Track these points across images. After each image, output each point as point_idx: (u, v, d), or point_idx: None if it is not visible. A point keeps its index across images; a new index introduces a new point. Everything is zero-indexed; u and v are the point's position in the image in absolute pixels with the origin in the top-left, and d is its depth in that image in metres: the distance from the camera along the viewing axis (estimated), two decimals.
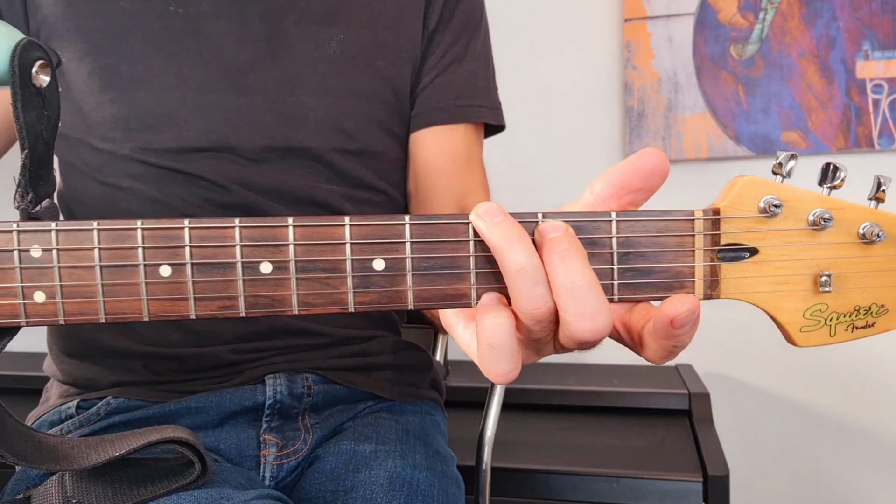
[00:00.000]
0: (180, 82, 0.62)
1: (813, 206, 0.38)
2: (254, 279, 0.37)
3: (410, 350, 0.76)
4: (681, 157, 1.48)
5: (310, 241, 0.37)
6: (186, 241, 0.37)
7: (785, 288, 0.39)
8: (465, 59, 0.73)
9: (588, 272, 0.35)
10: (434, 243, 0.37)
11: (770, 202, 0.38)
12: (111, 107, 0.61)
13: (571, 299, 0.35)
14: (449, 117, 0.72)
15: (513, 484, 1.07)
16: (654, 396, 1.28)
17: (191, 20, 0.62)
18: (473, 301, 0.38)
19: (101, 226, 0.37)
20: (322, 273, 0.37)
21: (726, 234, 0.38)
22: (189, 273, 0.37)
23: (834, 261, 0.39)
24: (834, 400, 1.48)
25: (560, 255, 0.35)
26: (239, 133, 0.63)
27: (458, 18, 0.73)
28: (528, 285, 0.36)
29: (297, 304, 0.37)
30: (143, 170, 0.62)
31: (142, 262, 0.37)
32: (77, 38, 0.62)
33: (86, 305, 0.37)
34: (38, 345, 0.88)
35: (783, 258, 0.38)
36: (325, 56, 0.66)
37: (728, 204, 0.38)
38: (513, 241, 0.36)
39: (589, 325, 0.35)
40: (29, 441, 0.44)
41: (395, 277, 0.37)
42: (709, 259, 0.38)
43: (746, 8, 1.44)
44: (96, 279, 0.37)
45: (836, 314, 0.39)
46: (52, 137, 0.41)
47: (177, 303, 0.37)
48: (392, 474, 0.60)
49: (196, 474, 0.48)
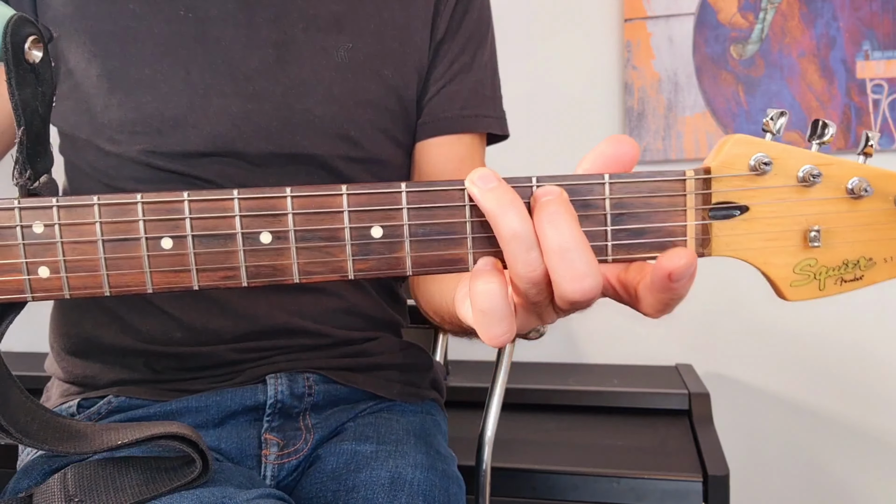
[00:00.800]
0: (187, 87, 0.62)
1: (802, 163, 0.38)
2: (254, 249, 0.37)
3: (411, 350, 0.76)
4: (681, 157, 1.48)
5: (308, 209, 0.37)
6: (187, 213, 0.37)
7: (775, 244, 0.39)
8: (472, 70, 0.73)
9: (577, 234, 0.36)
10: (431, 209, 0.38)
11: (760, 160, 0.38)
12: (119, 110, 0.61)
13: (560, 261, 0.36)
14: (455, 127, 0.72)
15: (513, 484, 1.07)
16: (654, 396, 1.28)
17: (199, 25, 0.63)
18: (470, 265, 0.38)
19: (101, 200, 0.37)
20: (321, 242, 0.38)
21: (717, 193, 0.39)
22: (190, 245, 0.37)
23: (823, 216, 0.39)
24: (834, 400, 1.48)
25: (549, 217, 0.36)
26: (245, 138, 0.63)
27: (466, 28, 0.73)
28: (523, 250, 0.36)
29: (297, 272, 0.38)
30: (149, 173, 0.62)
31: (143, 235, 0.37)
32: (86, 39, 0.62)
33: (90, 279, 0.38)
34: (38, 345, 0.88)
35: (773, 215, 0.39)
36: (332, 63, 0.66)
37: (719, 163, 0.38)
38: (506, 207, 0.36)
39: (578, 286, 0.36)
40: (35, 419, 0.44)
41: (394, 244, 0.38)
42: (700, 218, 0.39)
43: (746, 8, 1.44)
44: (99, 253, 0.37)
45: (825, 268, 0.40)
46: (47, 113, 0.41)
47: (179, 274, 0.38)
48: (393, 474, 0.60)
49: (197, 472, 0.49)
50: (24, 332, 1.47)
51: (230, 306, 0.64)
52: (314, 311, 0.67)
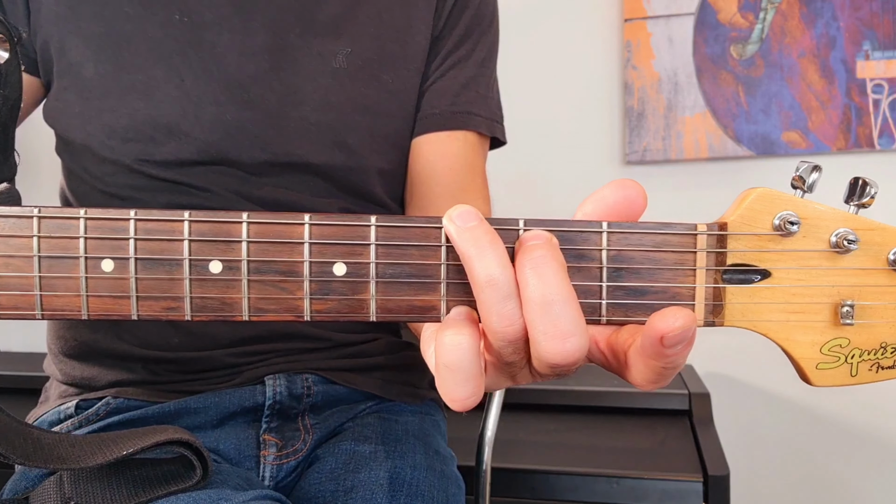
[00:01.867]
0: (181, 94, 0.61)
1: (836, 226, 0.34)
2: (202, 279, 0.34)
3: (410, 351, 0.75)
4: (681, 157, 1.48)
5: (265, 239, 0.34)
6: (131, 233, 0.34)
7: (800, 318, 0.35)
8: (465, 66, 0.71)
9: (564, 285, 0.32)
10: (402, 248, 0.34)
11: (786, 219, 0.33)
12: (111, 115, 0.60)
13: (542, 314, 0.31)
14: (443, 123, 0.69)
15: (513, 484, 1.07)
16: (654, 396, 1.28)
17: (194, 30, 0.62)
18: (443, 315, 0.34)
19: (42, 213, 0.34)
20: (277, 276, 0.34)
21: (733, 254, 0.34)
22: (133, 269, 0.34)
23: (858, 289, 0.34)
24: (834, 400, 1.48)
25: (533, 263, 0.32)
26: (239, 147, 0.62)
27: (463, 23, 0.71)
28: (499, 299, 0.32)
29: (247, 308, 0.34)
30: (143, 181, 0.62)
31: (83, 254, 0.34)
32: (78, 41, 0.61)
33: (21, 299, 0.34)
34: (38, 345, 0.88)
35: (799, 283, 0.34)
36: (329, 70, 0.65)
37: (737, 218, 0.34)
38: (483, 249, 0.32)
39: (559, 347, 0.31)
40: (28, 439, 0.43)
41: (357, 284, 0.34)
42: (712, 280, 0.34)
43: (746, 8, 1.44)
44: (34, 271, 0.34)
45: (858, 350, 0.35)
46: (10, 119, 0.38)
47: (118, 301, 0.34)
48: (392, 474, 0.60)
49: (197, 478, 0.48)
50: (23, 332, 1.47)
51: None
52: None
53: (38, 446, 0.43)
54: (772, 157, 1.44)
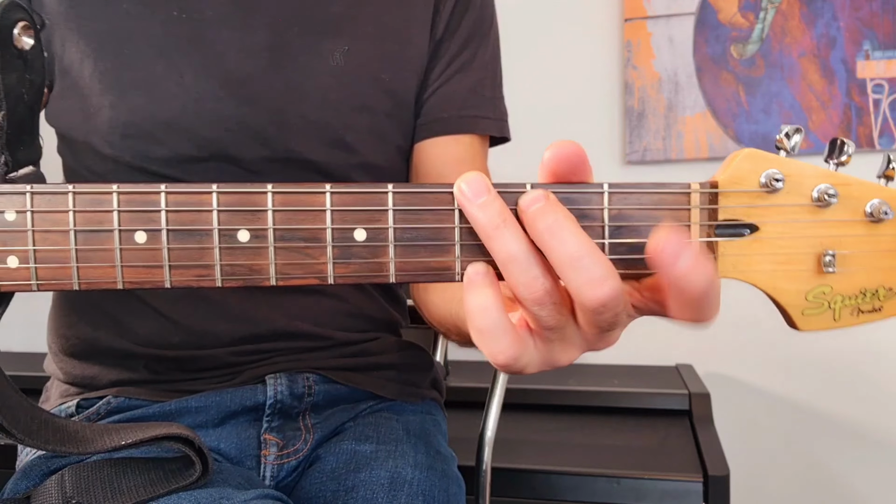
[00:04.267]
0: (181, 90, 0.61)
1: (817, 182, 0.36)
2: (231, 247, 0.36)
3: (411, 350, 0.76)
4: (681, 157, 1.48)
5: (289, 207, 0.36)
6: (162, 205, 0.36)
7: (786, 268, 0.37)
8: (470, 69, 0.72)
9: (583, 239, 0.33)
10: (418, 213, 0.36)
11: (772, 176, 0.36)
12: (111, 111, 0.61)
13: (574, 271, 0.33)
14: (452, 128, 0.70)
15: (513, 484, 1.07)
16: (654, 396, 1.28)
17: (194, 26, 0.62)
18: (458, 275, 0.36)
19: (76, 189, 0.36)
20: (301, 242, 0.36)
21: (724, 209, 0.36)
22: (164, 240, 0.36)
23: (839, 239, 0.37)
24: (834, 400, 1.48)
25: (549, 229, 0.34)
26: (239, 143, 0.62)
27: (465, 27, 0.72)
28: (522, 271, 0.34)
29: (274, 273, 0.36)
30: (144, 178, 0.62)
31: (117, 227, 0.36)
32: (78, 38, 0.61)
33: (59, 271, 0.36)
34: (38, 345, 0.88)
35: (785, 236, 0.36)
36: (328, 68, 0.65)
37: (727, 177, 0.36)
38: (499, 229, 0.34)
39: (599, 292, 0.33)
40: (35, 419, 0.43)
41: (377, 248, 0.36)
42: (705, 234, 0.37)
43: (747, 7, 1.44)
44: (70, 244, 0.36)
45: (840, 297, 0.37)
46: (35, 102, 0.39)
47: (152, 270, 0.36)
48: (393, 474, 0.60)
49: (197, 475, 0.48)
50: (23, 332, 1.47)
51: (229, 309, 0.64)
52: (314, 314, 0.67)
53: (43, 427, 0.43)
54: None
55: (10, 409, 0.41)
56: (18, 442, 0.42)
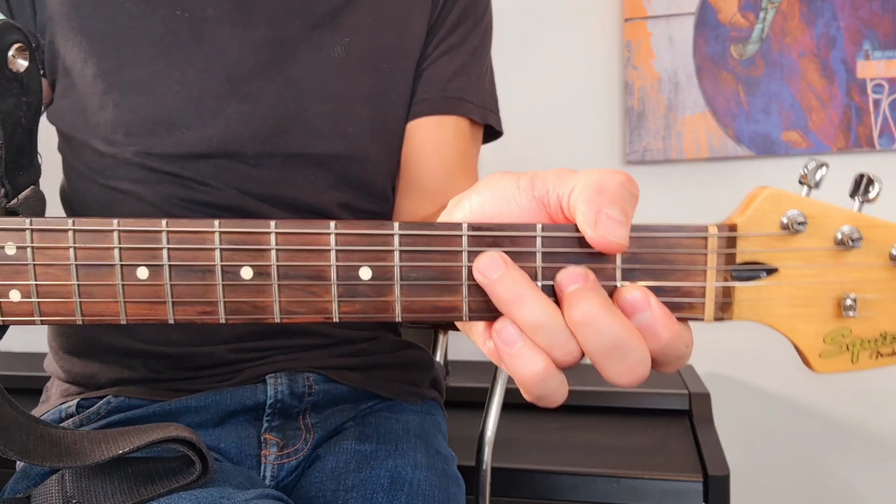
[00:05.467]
0: (183, 88, 0.61)
1: (841, 224, 0.35)
2: (234, 284, 0.35)
3: (411, 350, 0.76)
4: (681, 157, 1.48)
5: (293, 246, 0.35)
6: (164, 243, 0.35)
7: (805, 311, 0.35)
8: (458, 53, 0.72)
9: (619, 328, 0.33)
10: (424, 252, 0.35)
11: (794, 219, 0.34)
12: (114, 110, 0.61)
13: (610, 360, 0.33)
14: (434, 109, 0.70)
15: (513, 484, 1.07)
16: (654, 396, 1.28)
17: (195, 25, 0.62)
18: (465, 314, 0.36)
19: (76, 225, 0.35)
20: (305, 280, 0.35)
21: (743, 253, 0.35)
22: (167, 276, 0.35)
23: (861, 283, 0.35)
24: (834, 400, 1.48)
25: (584, 320, 0.33)
26: (240, 139, 0.62)
27: (457, 10, 0.72)
28: (550, 337, 0.33)
29: (278, 311, 0.36)
30: (143, 174, 0.62)
31: (118, 262, 0.35)
32: (80, 38, 0.61)
33: (62, 306, 0.36)
34: (38, 345, 0.88)
35: (805, 279, 0.35)
36: (328, 60, 0.65)
37: (746, 219, 0.35)
38: (520, 299, 0.33)
39: (632, 378, 0.33)
40: (31, 435, 0.43)
41: (383, 287, 0.35)
42: (722, 279, 0.35)
43: (747, 7, 1.44)
44: (72, 279, 0.36)
45: (860, 340, 0.36)
46: (33, 123, 0.39)
47: (154, 306, 0.36)
48: (393, 474, 0.60)
49: (197, 474, 0.48)
50: (23, 332, 1.47)
51: None
52: None
53: (40, 443, 0.43)
54: (772, 157, 1.44)
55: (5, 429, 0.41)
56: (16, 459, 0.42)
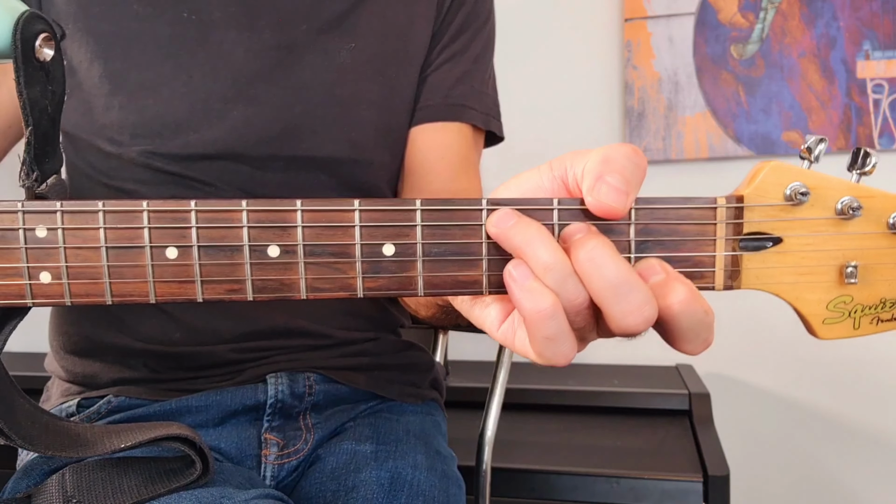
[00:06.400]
0: (189, 91, 0.62)
1: (841, 194, 0.37)
2: (261, 263, 0.36)
3: (412, 350, 0.76)
4: (681, 157, 1.48)
5: (318, 223, 0.36)
6: (193, 222, 0.36)
7: (809, 279, 0.37)
8: (460, 60, 0.72)
9: (623, 266, 0.34)
10: (445, 228, 0.36)
11: (797, 189, 0.36)
12: (120, 112, 0.61)
13: (615, 298, 0.34)
14: (438, 115, 0.71)
15: (513, 484, 1.07)
16: (654, 396, 1.28)
17: (202, 28, 0.62)
18: (485, 288, 0.37)
19: (106, 206, 0.36)
20: (331, 257, 0.36)
21: (749, 223, 0.37)
22: (196, 255, 0.36)
23: (861, 251, 0.37)
24: (834, 400, 1.48)
25: (589, 256, 0.34)
26: (246, 142, 0.63)
27: (460, 18, 0.72)
28: (559, 281, 0.34)
29: (305, 288, 0.37)
30: (148, 174, 0.62)
31: (148, 243, 0.36)
32: (88, 39, 0.61)
33: (92, 287, 0.37)
34: (38, 345, 0.88)
35: (808, 248, 0.37)
36: (334, 65, 0.66)
37: (752, 191, 0.37)
38: (530, 242, 0.35)
39: (638, 319, 0.34)
40: (36, 423, 0.43)
41: (405, 263, 0.37)
42: (730, 248, 0.37)
43: (747, 8, 1.44)
44: (102, 260, 0.36)
45: (861, 306, 0.38)
46: (57, 113, 0.39)
47: (184, 285, 0.37)
48: (393, 474, 0.60)
49: (197, 474, 0.48)
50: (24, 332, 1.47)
51: (230, 306, 0.64)
52: (315, 312, 0.67)
53: (44, 432, 0.43)
54: (772, 157, 1.44)
55: (11, 414, 0.41)
56: (18, 447, 0.42)
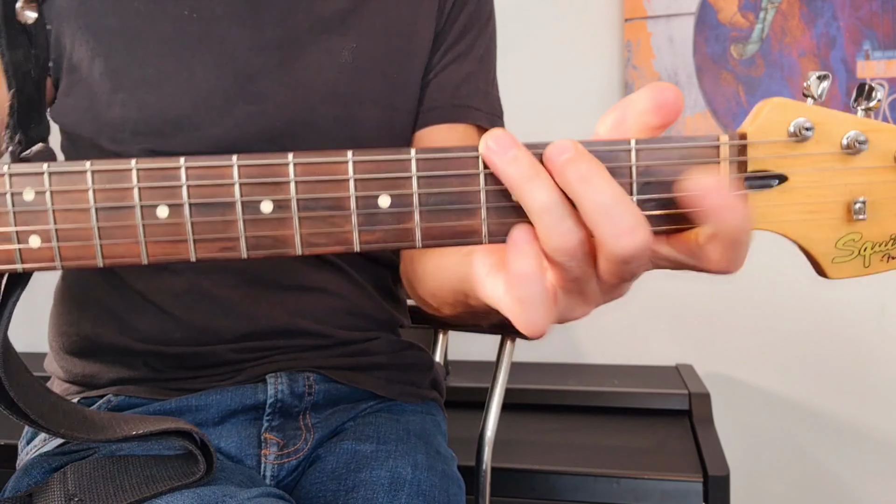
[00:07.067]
0: (191, 88, 0.62)
1: (847, 129, 0.36)
2: (255, 219, 0.35)
3: (412, 350, 0.76)
4: None
5: (311, 177, 0.35)
6: (183, 180, 0.35)
7: (816, 216, 0.36)
8: (465, 60, 0.72)
9: (614, 187, 0.33)
10: (442, 177, 0.36)
11: (801, 125, 0.35)
12: (122, 109, 0.61)
13: (606, 220, 0.33)
14: (446, 116, 0.71)
15: (513, 484, 1.07)
16: (654, 396, 1.28)
17: (204, 24, 0.62)
18: (485, 237, 0.36)
19: (94, 166, 0.35)
20: (325, 211, 0.35)
21: (753, 161, 0.36)
22: (187, 214, 0.35)
23: (868, 186, 0.36)
24: (834, 400, 1.48)
25: (580, 177, 0.33)
26: (248, 140, 0.63)
27: (463, 18, 0.72)
28: (555, 222, 0.34)
29: (300, 244, 0.36)
30: None
31: (138, 203, 0.35)
32: (89, 36, 0.61)
33: (82, 250, 0.36)
34: (38, 345, 0.88)
35: (814, 185, 0.36)
36: (336, 64, 0.66)
37: (755, 128, 0.36)
38: (531, 180, 0.34)
39: (630, 241, 0.33)
40: (46, 402, 0.43)
41: (402, 214, 0.36)
42: (735, 188, 0.36)
43: (747, 7, 1.44)
44: (92, 222, 0.35)
45: (870, 243, 0.37)
46: (41, 78, 0.39)
47: (176, 245, 0.36)
48: (393, 474, 0.60)
49: (200, 473, 0.48)
50: (24, 331, 1.47)
51: (231, 306, 0.64)
52: (315, 312, 0.67)
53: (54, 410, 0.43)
54: None
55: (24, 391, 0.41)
56: (32, 425, 0.42)
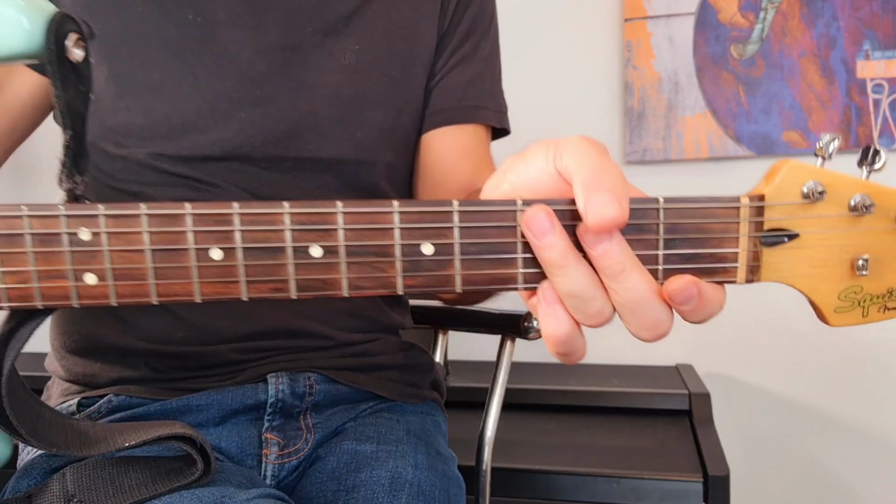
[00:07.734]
0: (195, 91, 0.62)
1: (854, 192, 0.39)
2: (304, 263, 0.37)
3: (412, 351, 0.76)
4: (681, 157, 1.48)
5: (359, 225, 0.37)
6: (237, 225, 0.37)
7: (822, 271, 0.40)
8: (471, 62, 0.73)
9: (644, 284, 0.36)
10: (482, 228, 0.38)
11: (814, 189, 0.38)
12: (127, 113, 0.61)
13: (633, 314, 0.36)
14: (454, 118, 0.72)
15: (513, 484, 1.07)
16: (654, 396, 1.28)
17: (208, 28, 0.62)
18: (520, 283, 0.39)
19: (148, 210, 0.36)
20: (372, 257, 0.37)
21: (770, 220, 0.39)
22: (240, 257, 0.37)
23: (872, 245, 0.40)
24: (834, 400, 1.48)
25: (614, 274, 0.35)
26: (252, 143, 0.63)
27: (467, 20, 0.73)
28: (581, 305, 0.36)
29: (346, 286, 0.38)
30: (155, 176, 0.62)
31: (192, 245, 0.37)
32: (92, 41, 0.61)
33: (138, 288, 0.37)
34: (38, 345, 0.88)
35: (823, 243, 0.39)
36: (339, 67, 0.66)
37: (773, 189, 0.39)
38: (562, 268, 0.36)
39: (652, 334, 0.36)
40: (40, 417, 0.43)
41: (444, 262, 0.38)
42: (752, 244, 0.39)
43: (747, 7, 1.44)
44: (147, 262, 0.37)
45: (870, 296, 0.40)
46: (87, 112, 0.39)
47: (228, 285, 0.37)
48: (394, 474, 0.60)
49: (199, 474, 0.48)
50: None
51: (233, 306, 0.64)
52: (317, 313, 0.67)
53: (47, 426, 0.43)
54: (772, 157, 1.44)
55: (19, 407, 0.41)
56: (23, 441, 0.42)
